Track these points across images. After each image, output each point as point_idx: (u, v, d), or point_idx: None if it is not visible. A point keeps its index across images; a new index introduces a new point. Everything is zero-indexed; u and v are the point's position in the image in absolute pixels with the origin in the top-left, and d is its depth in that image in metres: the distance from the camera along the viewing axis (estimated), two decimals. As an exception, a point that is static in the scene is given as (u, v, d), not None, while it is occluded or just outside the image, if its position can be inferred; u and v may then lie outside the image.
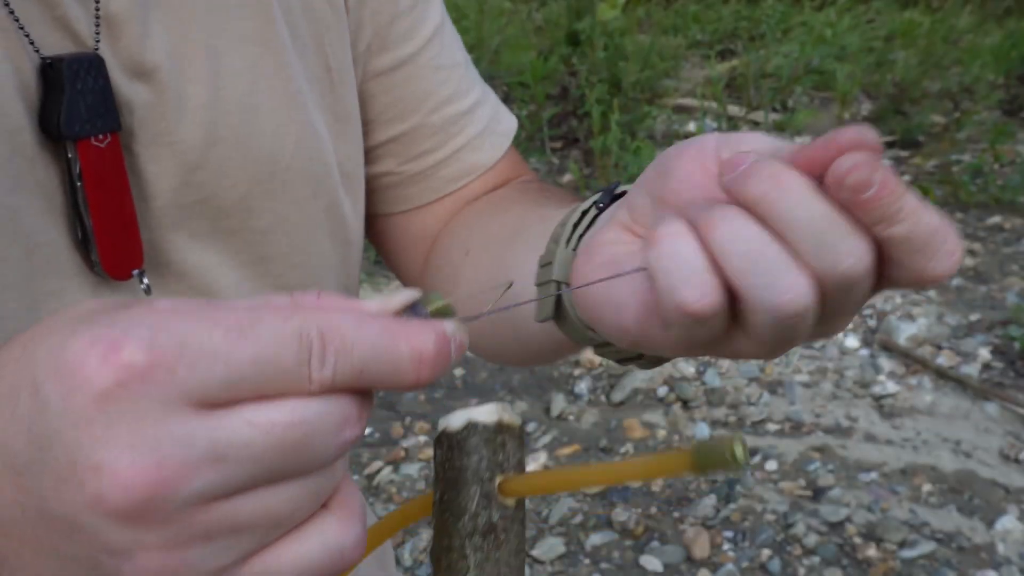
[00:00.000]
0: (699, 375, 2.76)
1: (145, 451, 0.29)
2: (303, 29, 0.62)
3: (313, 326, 0.31)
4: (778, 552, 2.14)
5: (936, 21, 5.05)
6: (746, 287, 0.36)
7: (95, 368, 0.29)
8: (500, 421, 0.40)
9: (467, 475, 0.39)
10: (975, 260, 3.30)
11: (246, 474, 0.31)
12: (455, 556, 0.38)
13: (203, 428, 0.30)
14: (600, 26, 4.06)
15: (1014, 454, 2.35)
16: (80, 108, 0.50)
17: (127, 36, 0.53)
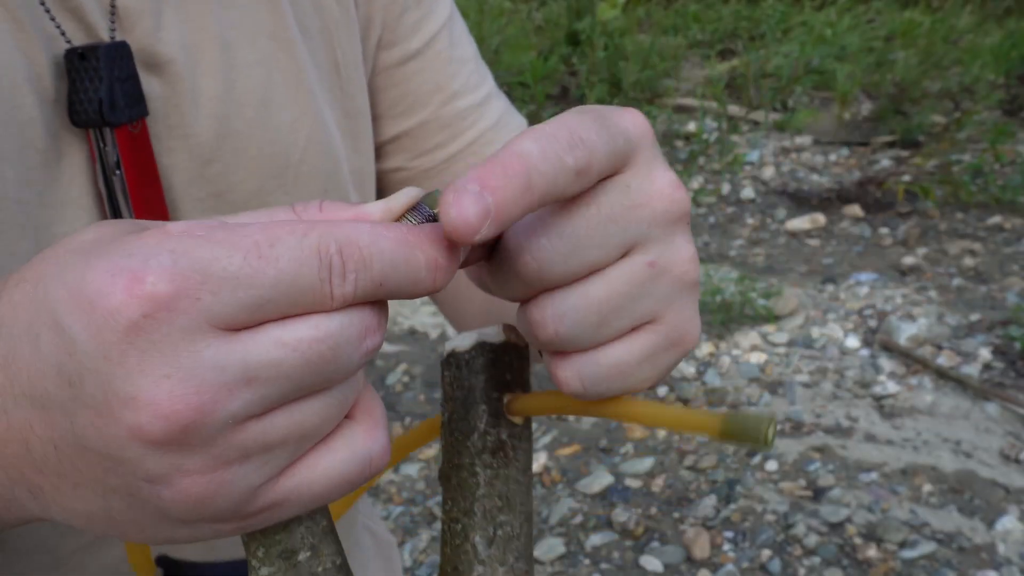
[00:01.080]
0: (699, 375, 2.76)
1: (180, 379, 0.29)
2: (312, 25, 0.62)
3: (331, 242, 0.31)
4: (778, 552, 2.14)
5: (936, 21, 5.05)
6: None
7: (120, 301, 0.29)
8: (507, 340, 0.41)
9: (476, 394, 0.40)
10: (975, 260, 3.30)
11: (277, 391, 0.31)
12: (465, 474, 0.39)
13: (233, 351, 0.30)
14: (600, 26, 4.06)
15: (1014, 454, 2.35)
16: (119, 95, 0.51)
17: (140, 28, 0.53)
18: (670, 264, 0.38)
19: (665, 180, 0.38)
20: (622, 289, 0.37)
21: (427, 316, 3.15)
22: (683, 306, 0.39)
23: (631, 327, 0.38)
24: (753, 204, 3.90)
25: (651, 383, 0.39)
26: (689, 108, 4.51)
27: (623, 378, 0.38)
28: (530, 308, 0.37)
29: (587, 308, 0.37)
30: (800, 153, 4.32)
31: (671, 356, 0.39)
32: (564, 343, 0.37)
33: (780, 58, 4.30)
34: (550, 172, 0.33)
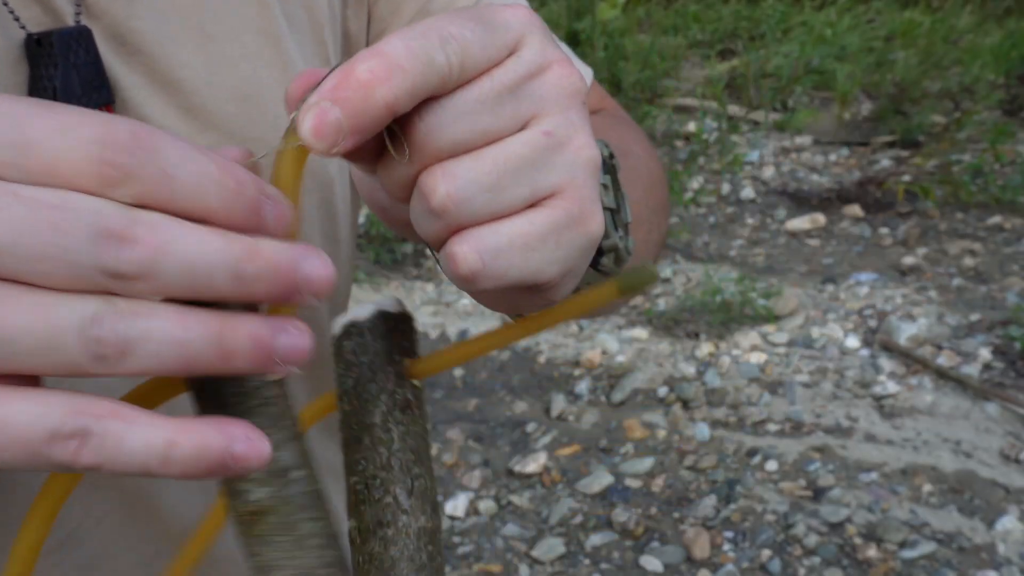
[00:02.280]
0: (699, 375, 2.76)
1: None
2: (301, 19, 0.61)
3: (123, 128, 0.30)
4: (778, 552, 2.13)
5: (936, 21, 5.05)
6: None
7: None
8: (403, 311, 0.42)
9: (382, 358, 0.41)
10: (975, 260, 3.30)
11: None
12: (379, 432, 0.40)
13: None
14: (600, 26, 4.06)
15: (1014, 454, 2.35)
16: (74, 82, 0.49)
17: (111, 14, 0.52)
18: (568, 138, 0.37)
19: (558, 56, 0.38)
20: (518, 153, 0.36)
21: (427, 316, 3.15)
22: (584, 184, 0.38)
23: (531, 199, 0.37)
24: (753, 204, 3.90)
25: (557, 269, 0.38)
26: (689, 108, 4.51)
27: (525, 254, 0.36)
28: (422, 177, 0.36)
29: (480, 168, 0.35)
30: (800, 153, 4.32)
31: (575, 236, 0.38)
32: (457, 209, 0.35)
33: (780, 58, 4.30)
34: (417, 70, 0.33)
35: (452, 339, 3.01)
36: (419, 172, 0.36)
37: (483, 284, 0.36)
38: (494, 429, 2.60)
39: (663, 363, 2.82)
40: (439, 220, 0.36)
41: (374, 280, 3.33)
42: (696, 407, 2.63)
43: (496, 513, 2.31)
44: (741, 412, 2.60)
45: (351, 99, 0.33)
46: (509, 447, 2.53)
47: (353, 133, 0.33)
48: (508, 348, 2.96)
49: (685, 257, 3.46)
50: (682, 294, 3.17)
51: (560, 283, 0.39)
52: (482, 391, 2.77)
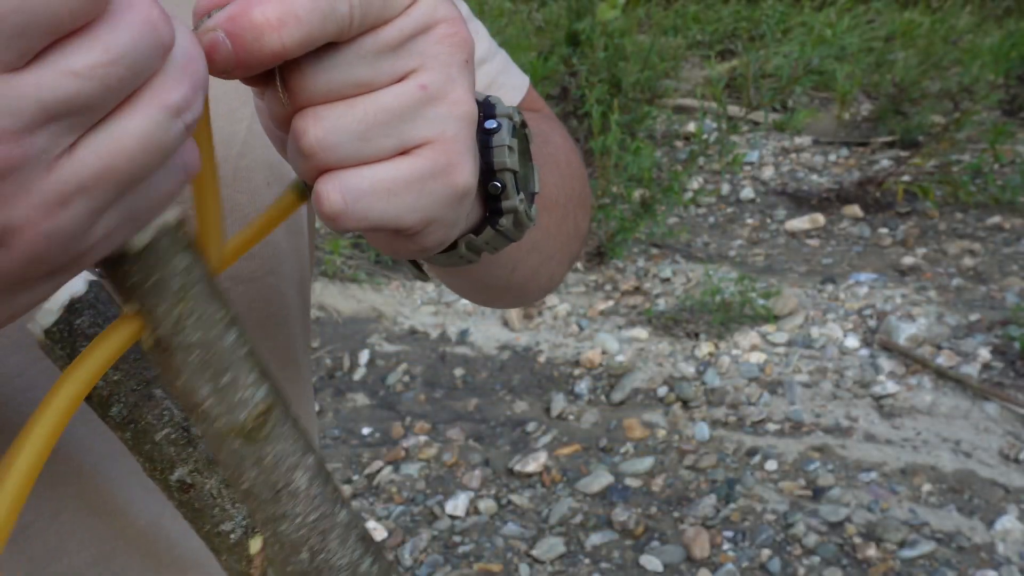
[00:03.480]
0: (699, 375, 2.76)
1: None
2: None
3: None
4: (778, 552, 2.14)
5: (936, 21, 5.06)
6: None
7: None
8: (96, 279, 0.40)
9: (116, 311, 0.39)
10: (975, 260, 3.30)
11: (80, 122, 0.28)
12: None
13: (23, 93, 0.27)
14: (600, 26, 4.06)
15: (1014, 454, 2.35)
16: None
17: None
18: (443, 92, 0.38)
19: (449, 14, 0.39)
20: (390, 104, 0.37)
21: (427, 316, 3.15)
22: (456, 137, 0.39)
23: (399, 149, 0.38)
24: (753, 204, 3.90)
25: (418, 217, 0.39)
26: (689, 108, 4.51)
27: (387, 199, 0.38)
28: (295, 119, 0.37)
29: (351, 116, 0.37)
30: (800, 153, 4.32)
31: (439, 186, 0.39)
32: (324, 152, 0.37)
33: (780, 58, 4.30)
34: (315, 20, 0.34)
35: (452, 339, 3.01)
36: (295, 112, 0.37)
37: (345, 224, 0.38)
38: (494, 429, 2.60)
39: (663, 363, 2.82)
40: (307, 161, 0.37)
41: (374, 280, 3.34)
42: (696, 407, 2.64)
43: (496, 512, 2.31)
44: (741, 412, 2.60)
45: (242, 38, 0.33)
46: (509, 447, 2.53)
47: (239, 68, 0.34)
48: (508, 348, 2.96)
49: (685, 257, 3.46)
50: (682, 294, 3.17)
51: (424, 230, 0.40)
52: (482, 391, 2.77)
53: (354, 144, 0.37)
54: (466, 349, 2.96)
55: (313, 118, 0.37)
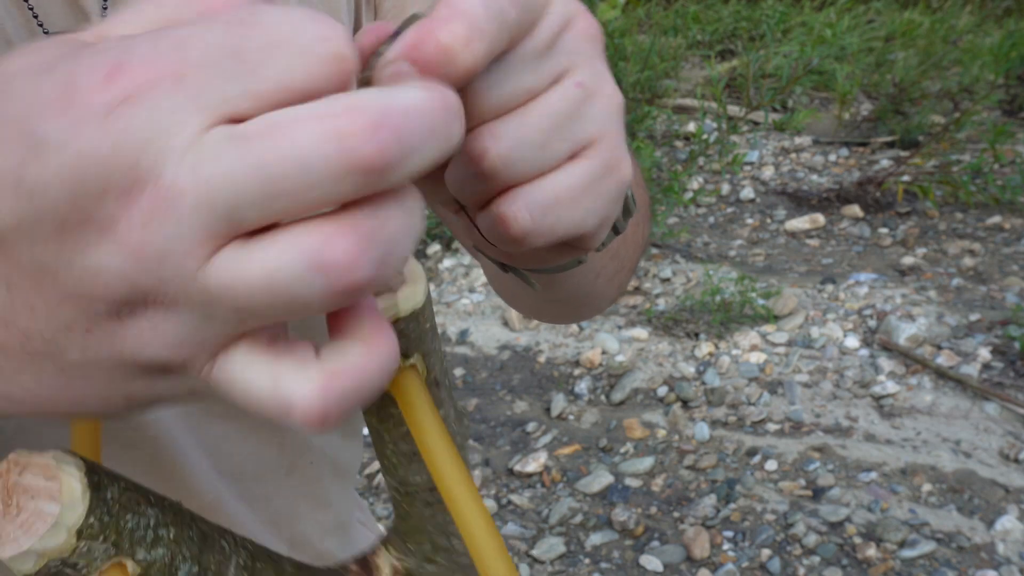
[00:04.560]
0: (699, 375, 2.76)
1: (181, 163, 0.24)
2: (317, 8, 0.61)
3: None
4: (778, 552, 2.14)
5: (936, 21, 5.06)
6: None
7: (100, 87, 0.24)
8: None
9: None
10: (975, 260, 3.30)
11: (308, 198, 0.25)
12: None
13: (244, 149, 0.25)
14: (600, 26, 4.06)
15: (1014, 454, 2.35)
16: None
17: None
18: (598, 87, 0.38)
19: (579, 7, 0.38)
20: (559, 108, 0.36)
21: (427, 316, 3.15)
22: (615, 131, 0.38)
23: (571, 152, 0.37)
24: (753, 204, 3.90)
25: (596, 219, 0.38)
26: (689, 108, 4.51)
27: (571, 207, 0.37)
28: (468, 140, 0.35)
29: (528, 127, 0.35)
30: (800, 153, 4.32)
31: (610, 184, 0.38)
32: (507, 169, 0.35)
33: (780, 58, 4.30)
34: (494, 31, 0.32)
35: (452, 339, 3.01)
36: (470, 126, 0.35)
37: (533, 242, 0.36)
38: (494, 429, 2.60)
39: (663, 363, 2.82)
40: (487, 183, 0.36)
41: (374, 280, 3.34)
42: (696, 407, 2.64)
43: (496, 512, 2.31)
44: (741, 412, 2.60)
45: (432, 63, 0.31)
46: (509, 447, 2.53)
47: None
48: (508, 348, 2.96)
49: (685, 257, 3.46)
50: (682, 294, 3.17)
51: (598, 233, 0.39)
52: (482, 391, 2.77)
53: (535, 155, 0.36)
54: (466, 349, 2.96)
55: (491, 136, 0.35)
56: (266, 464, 0.63)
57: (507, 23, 0.33)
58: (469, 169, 0.35)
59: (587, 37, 0.38)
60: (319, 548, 0.69)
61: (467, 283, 3.35)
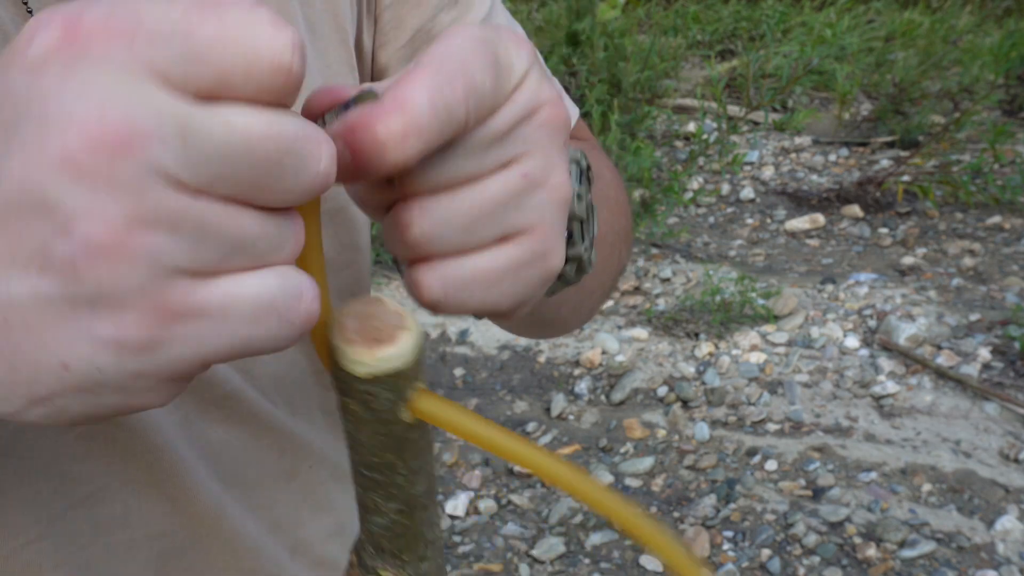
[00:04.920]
0: (699, 375, 2.76)
1: (116, 107, 0.28)
2: (326, 27, 0.60)
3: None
4: (778, 552, 2.14)
5: (936, 21, 5.06)
6: None
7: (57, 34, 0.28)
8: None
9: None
10: (974, 260, 3.30)
11: (214, 172, 0.29)
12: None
13: (172, 105, 0.28)
14: (600, 26, 4.06)
15: (1014, 454, 2.35)
16: None
17: None
18: (544, 179, 0.38)
19: (550, 96, 0.38)
20: (495, 195, 0.37)
21: (427, 316, 3.15)
22: (552, 223, 0.39)
23: (499, 236, 0.38)
24: (753, 204, 3.90)
25: (512, 301, 0.39)
26: (689, 108, 4.51)
27: (486, 288, 0.38)
28: (399, 209, 0.37)
29: (457, 209, 0.37)
30: (800, 153, 4.32)
31: (534, 272, 0.39)
32: (429, 244, 0.37)
33: (780, 58, 4.30)
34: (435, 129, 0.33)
35: (452, 339, 3.01)
36: (397, 199, 0.37)
37: (443, 311, 0.38)
38: (494, 429, 2.60)
39: (663, 363, 2.83)
40: (409, 251, 0.37)
41: (375, 280, 3.34)
42: (696, 407, 2.64)
43: (496, 512, 2.31)
44: (741, 412, 2.60)
45: (363, 152, 0.33)
46: (509, 447, 2.53)
47: (356, 178, 0.34)
48: (508, 348, 2.96)
49: (685, 257, 3.46)
50: (682, 294, 3.17)
51: (515, 311, 0.41)
52: (482, 391, 2.77)
53: (458, 236, 0.37)
54: (466, 349, 2.97)
55: (419, 211, 0.37)
56: (266, 470, 0.63)
57: (452, 120, 0.34)
58: (397, 235, 0.37)
59: (548, 127, 0.38)
60: (319, 553, 0.69)
61: (467, 283, 3.35)
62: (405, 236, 0.37)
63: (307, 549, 0.68)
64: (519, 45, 0.38)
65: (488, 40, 0.36)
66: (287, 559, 0.66)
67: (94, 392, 0.31)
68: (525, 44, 0.38)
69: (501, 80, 0.36)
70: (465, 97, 0.34)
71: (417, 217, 0.36)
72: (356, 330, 0.36)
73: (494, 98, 0.36)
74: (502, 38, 0.37)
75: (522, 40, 0.38)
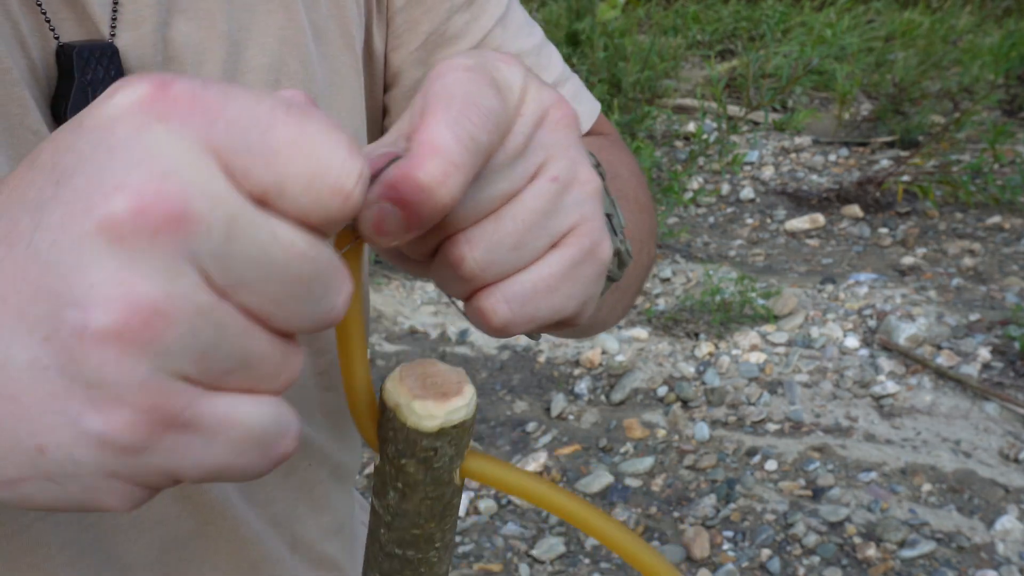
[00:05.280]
0: (699, 375, 2.76)
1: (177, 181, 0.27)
2: (330, 29, 0.60)
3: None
4: (778, 552, 2.14)
5: (936, 21, 5.06)
6: None
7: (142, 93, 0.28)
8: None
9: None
10: (975, 260, 3.30)
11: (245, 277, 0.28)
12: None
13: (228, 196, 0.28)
14: (600, 26, 4.06)
15: (1014, 454, 2.35)
16: (87, 99, 0.48)
17: (146, 26, 0.51)
18: (573, 177, 0.39)
19: (552, 98, 0.39)
20: (535, 206, 0.38)
21: (427, 316, 3.15)
22: (592, 215, 0.40)
23: (549, 244, 0.39)
24: (753, 204, 3.90)
25: (576, 303, 0.40)
26: (689, 108, 4.51)
27: (549, 296, 0.39)
28: (446, 247, 0.38)
29: (502, 231, 0.37)
30: (799, 153, 4.32)
31: (590, 268, 0.40)
32: (485, 272, 0.37)
33: (780, 58, 4.30)
34: (469, 163, 0.34)
35: (452, 339, 3.01)
36: (443, 240, 0.38)
37: (514, 331, 0.39)
38: (494, 429, 2.60)
39: (663, 363, 2.82)
40: (467, 284, 0.38)
41: (375, 280, 3.34)
42: (696, 407, 2.64)
43: (496, 512, 2.31)
44: (741, 412, 2.60)
45: (412, 203, 0.33)
46: (509, 446, 2.53)
47: (411, 231, 0.34)
48: (508, 348, 2.96)
49: (685, 257, 3.46)
50: (682, 294, 3.17)
51: (581, 312, 0.41)
52: (482, 391, 2.77)
53: (511, 255, 0.38)
54: (466, 349, 2.97)
55: (467, 243, 0.37)
56: None
57: (481, 149, 0.35)
58: (450, 272, 0.38)
59: (561, 127, 0.39)
60: (318, 550, 0.69)
61: (467, 283, 3.35)
62: (460, 271, 0.37)
63: (306, 547, 0.68)
64: (509, 62, 0.38)
65: (480, 66, 0.37)
66: (287, 555, 0.66)
67: (61, 483, 0.29)
68: (513, 60, 0.39)
69: (506, 98, 0.37)
70: (483, 124, 0.35)
71: (467, 250, 0.37)
72: (420, 387, 0.37)
73: (506, 116, 0.37)
74: (490, 60, 0.38)
75: (509, 57, 0.39)
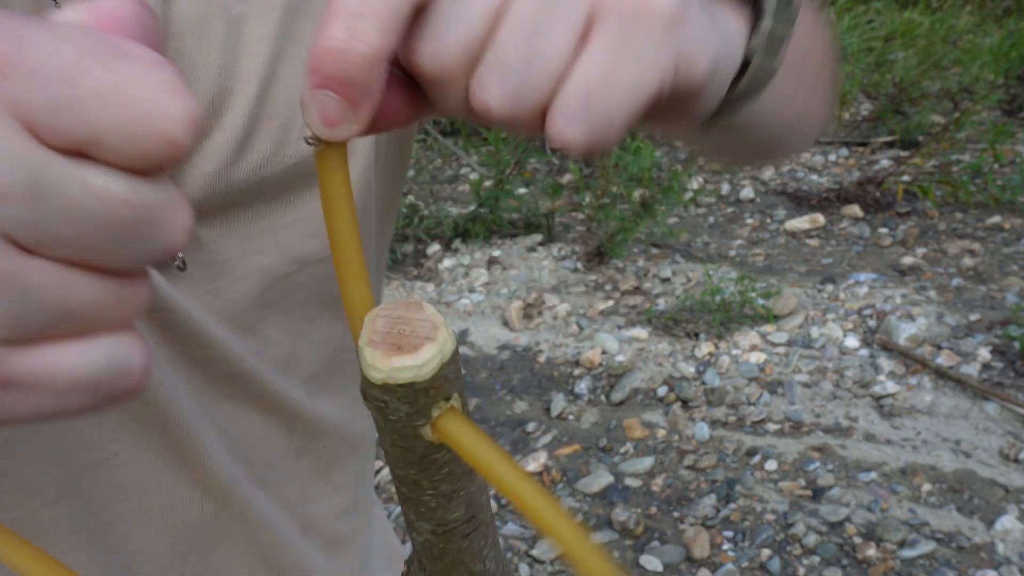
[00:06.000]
0: (699, 375, 2.76)
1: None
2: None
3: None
4: (778, 552, 2.14)
5: (936, 21, 5.05)
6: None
7: None
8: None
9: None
10: (974, 260, 3.30)
11: (57, 233, 0.26)
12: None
13: (30, 154, 0.24)
14: None
15: (1014, 454, 2.35)
16: None
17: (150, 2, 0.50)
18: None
19: None
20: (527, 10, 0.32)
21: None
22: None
23: (576, 35, 0.33)
24: (753, 204, 3.90)
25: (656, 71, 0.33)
26: (689, 108, 4.51)
27: (607, 85, 0.33)
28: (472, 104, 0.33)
29: (505, 56, 0.32)
30: (799, 153, 4.32)
31: (643, 32, 0.33)
32: (516, 103, 0.33)
33: (780, 58, 4.30)
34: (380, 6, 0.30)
35: (452, 339, 3.01)
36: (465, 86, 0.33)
37: (607, 137, 0.33)
38: (494, 429, 2.60)
39: (663, 363, 2.82)
40: (523, 122, 0.34)
41: (374, 280, 3.34)
42: (696, 407, 2.64)
43: (496, 512, 2.31)
44: (740, 412, 2.60)
45: (337, 76, 0.30)
46: (509, 446, 2.53)
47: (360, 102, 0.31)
48: (508, 348, 2.96)
49: (685, 257, 3.46)
50: (682, 294, 3.17)
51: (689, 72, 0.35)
52: (482, 391, 2.77)
53: (532, 73, 0.32)
54: (466, 349, 2.96)
55: (480, 88, 0.33)
56: (275, 447, 0.62)
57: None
58: (501, 124, 0.34)
59: None
60: (330, 530, 0.68)
61: (467, 283, 3.35)
62: (494, 118, 0.33)
63: (318, 527, 0.67)
64: None
65: None
66: (299, 537, 0.65)
67: None
68: None
69: None
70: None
71: (483, 94, 0.33)
72: (383, 332, 0.34)
73: None
74: None
75: None
